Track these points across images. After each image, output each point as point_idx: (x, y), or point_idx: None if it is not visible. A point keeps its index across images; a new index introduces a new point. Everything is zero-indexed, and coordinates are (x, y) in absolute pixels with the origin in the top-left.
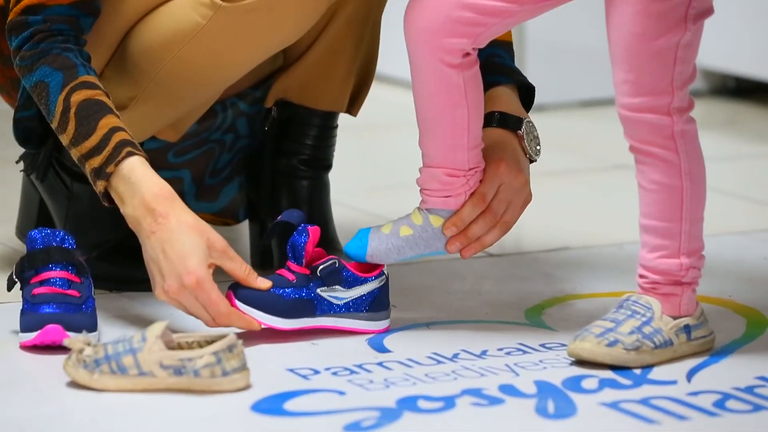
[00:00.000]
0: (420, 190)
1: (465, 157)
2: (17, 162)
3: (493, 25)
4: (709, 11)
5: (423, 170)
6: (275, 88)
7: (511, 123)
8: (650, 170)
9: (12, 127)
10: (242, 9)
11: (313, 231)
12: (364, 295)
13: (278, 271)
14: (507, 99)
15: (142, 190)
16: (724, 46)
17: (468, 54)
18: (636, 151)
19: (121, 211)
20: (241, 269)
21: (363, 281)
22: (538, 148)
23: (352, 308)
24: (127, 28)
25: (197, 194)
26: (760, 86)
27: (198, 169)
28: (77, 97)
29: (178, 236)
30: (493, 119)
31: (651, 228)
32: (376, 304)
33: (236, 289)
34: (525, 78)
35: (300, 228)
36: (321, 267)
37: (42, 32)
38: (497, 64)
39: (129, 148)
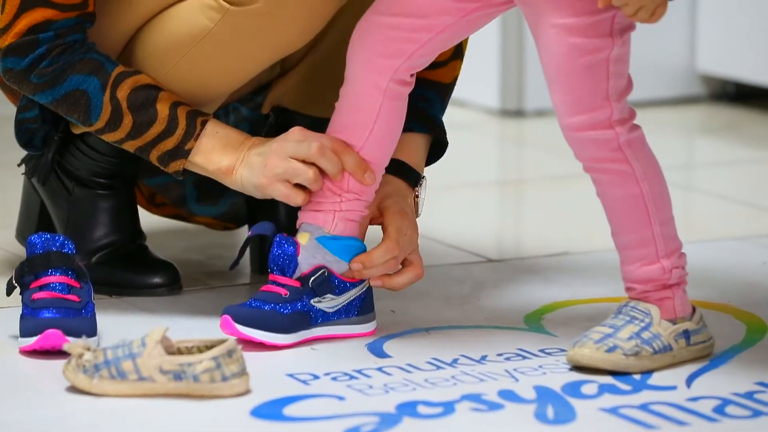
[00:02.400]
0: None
1: (347, 176)
2: (19, 165)
3: (425, 42)
4: (632, 26)
5: None
6: (272, 95)
7: (412, 178)
8: (608, 185)
9: (14, 129)
10: (250, 13)
11: (295, 240)
12: (353, 299)
13: (265, 288)
14: (414, 150)
15: (231, 136)
16: (724, 52)
17: (399, 82)
18: (590, 170)
19: (213, 168)
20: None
21: (352, 286)
22: (421, 207)
23: (343, 314)
24: (135, 30)
25: (199, 198)
26: (759, 91)
27: (200, 174)
28: (123, 92)
29: (271, 138)
30: (400, 170)
31: (624, 241)
32: (364, 306)
33: (233, 313)
34: (443, 132)
35: (282, 238)
36: (312, 278)
37: (59, 46)
38: (420, 108)
39: (200, 118)
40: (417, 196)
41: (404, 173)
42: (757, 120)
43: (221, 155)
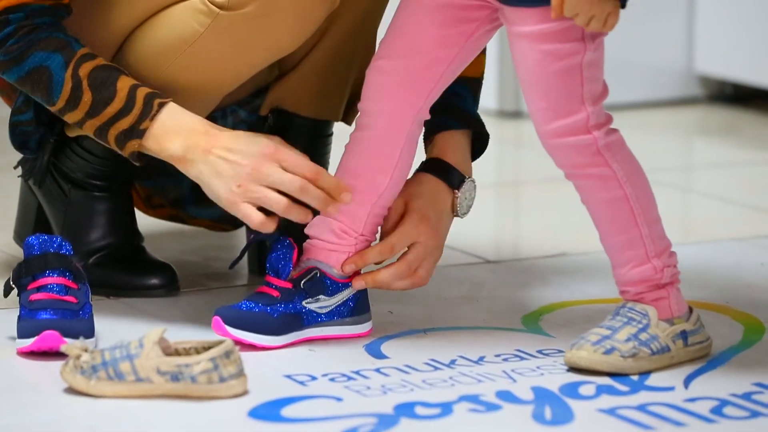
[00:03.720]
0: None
1: (363, 220)
2: (15, 167)
3: (440, 76)
4: (604, 31)
5: (318, 219)
6: (270, 97)
7: (452, 179)
8: (591, 190)
9: (8, 131)
10: (240, 17)
11: (293, 243)
12: (346, 300)
13: (260, 289)
14: (456, 148)
15: (189, 121)
16: (722, 53)
17: (419, 123)
18: (572, 177)
19: (164, 153)
20: (310, 169)
21: (344, 287)
22: (470, 206)
23: (336, 315)
24: (127, 33)
25: (196, 201)
26: (757, 93)
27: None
28: (85, 70)
29: (237, 136)
30: (438, 168)
31: (613, 244)
32: (358, 307)
33: (223, 315)
34: (482, 125)
35: (281, 241)
36: (304, 280)
37: (27, 26)
38: (453, 105)
39: (158, 99)
40: (457, 197)
41: (443, 172)
42: (755, 121)
43: (173, 140)
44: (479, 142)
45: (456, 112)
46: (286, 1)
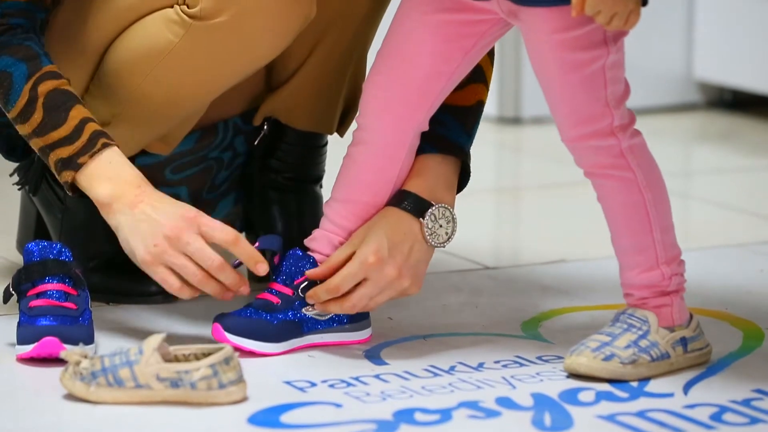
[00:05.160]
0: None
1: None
2: (11, 174)
3: (440, 90)
4: (625, 30)
5: (318, 232)
6: (264, 108)
7: (415, 207)
8: (609, 191)
9: None
10: (213, 27)
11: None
12: None
13: (260, 295)
14: (427, 174)
15: (126, 171)
16: (721, 59)
17: (419, 134)
18: (591, 176)
19: (92, 194)
20: (229, 234)
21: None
22: (446, 233)
23: (335, 322)
24: (108, 41)
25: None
26: (756, 99)
27: (195, 186)
28: (44, 88)
29: (164, 198)
30: (399, 199)
31: (625, 246)
32: (357, 314)
33: (223, 321)
34: (465, 155)
35: (299, 255)
36: (302, 287)
37: (2, 26)
38: (433, 131)
39: (104, 140)
40: (424, 226)
41: (400, 202)
42: (754, 127)
43: (103, 185)
44: (463, 174)
45: (434, 137)
46: (261, 11)
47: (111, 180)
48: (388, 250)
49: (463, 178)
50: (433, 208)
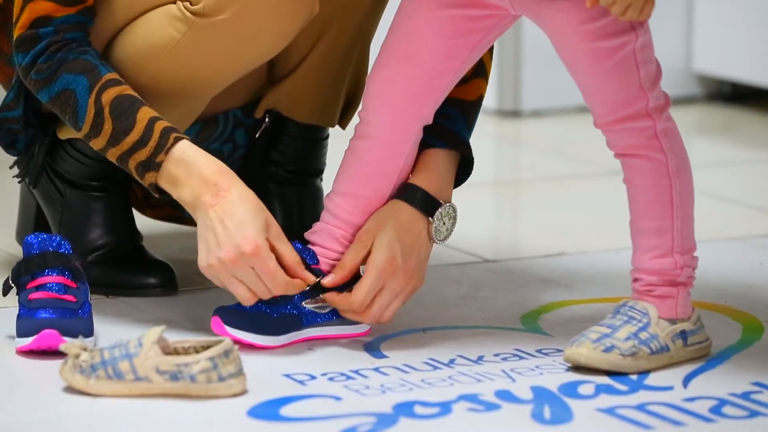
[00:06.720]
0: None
1: (359, 224)
2: (11, 167)
3: (446, 85)
4: (640, 20)
5: (319, 225)
6: (265, 101)
7: (426, 207)
8: (638, 171)
9: None
10: (217, 24)
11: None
12: None
13: None
14: (436, 170)
15: (200, 168)
16: (720, 52)
17: (423, 127)
18: (622, 156)
19: (175, 195)
20: (292, 256)
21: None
22: (449, 231)
23: (335, 315)
24: (111, 37)
25: None
26: (756, 92)
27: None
28: (108, 96)
29: (239, 207)
30: (412, 196)
31: (643, 228)
32: None
33: (223, 315)
34: (469, 150)
35: (305, 248)
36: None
37: (57, 42)
38: (440, 125)
39: (174, 134)
40: (432, 225)
41: (416, 200)
42: (753, 120)
43: (181, 187)
44: (464, 169)
45: (443, 131)
46: (263, 8)
47: (189, 178)
48: (401, 254)
49: (466, 171)
50: (442, 207)
